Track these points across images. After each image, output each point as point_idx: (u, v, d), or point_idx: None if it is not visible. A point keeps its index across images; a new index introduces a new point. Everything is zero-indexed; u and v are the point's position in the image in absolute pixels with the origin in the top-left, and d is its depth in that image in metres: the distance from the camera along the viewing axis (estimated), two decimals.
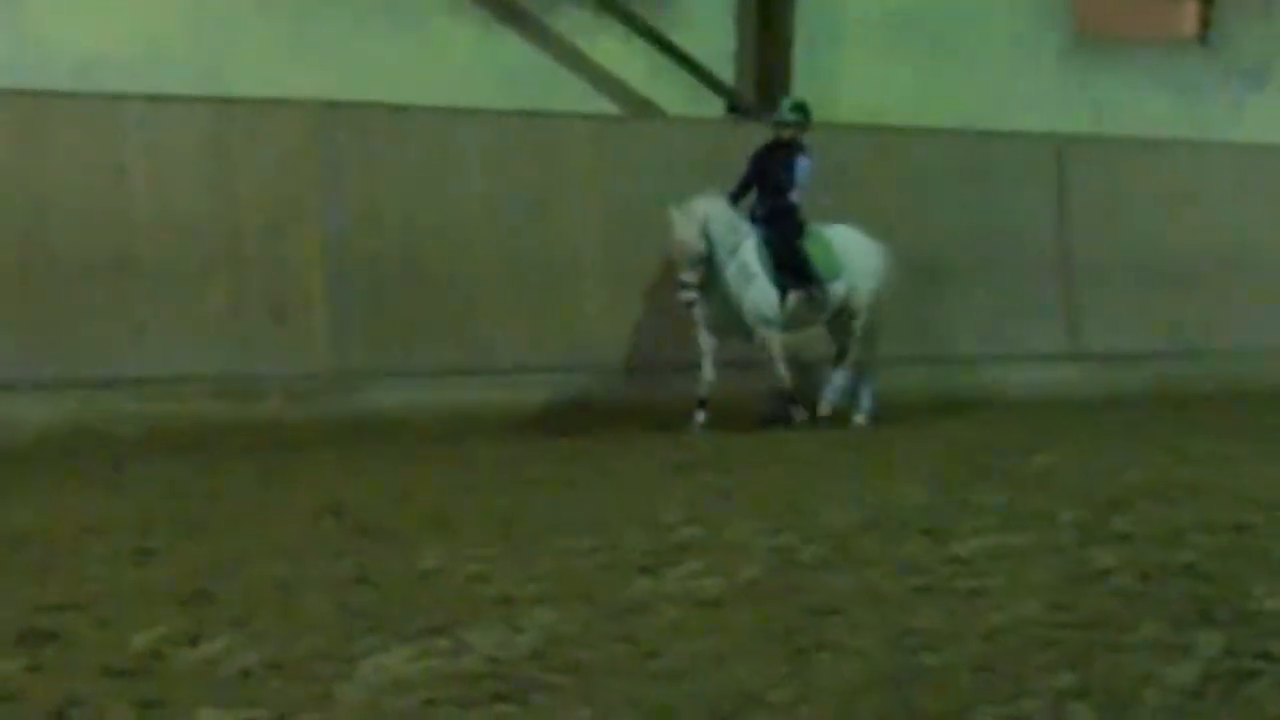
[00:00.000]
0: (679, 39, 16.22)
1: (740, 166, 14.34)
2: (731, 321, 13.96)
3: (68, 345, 12.90)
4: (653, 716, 5.39)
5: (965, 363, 16.58)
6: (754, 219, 14.19)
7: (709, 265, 13.66)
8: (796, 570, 7.74)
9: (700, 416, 13.73)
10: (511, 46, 15.75)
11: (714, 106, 16.63)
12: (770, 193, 14.25)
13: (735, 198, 14.19)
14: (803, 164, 14.21)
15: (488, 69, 15.47)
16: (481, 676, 5.82)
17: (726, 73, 16.66)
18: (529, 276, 14.80)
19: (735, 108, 16.64)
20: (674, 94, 16.40)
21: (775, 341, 14.07)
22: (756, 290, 13.92)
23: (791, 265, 14.10)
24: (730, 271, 13.81)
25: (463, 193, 14.65)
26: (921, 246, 16.37)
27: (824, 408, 14.37)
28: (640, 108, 16.36)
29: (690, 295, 13.57)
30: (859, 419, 14.45)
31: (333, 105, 14.10)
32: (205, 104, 13.55)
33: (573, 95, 15.85)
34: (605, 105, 16.18)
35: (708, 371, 13.86)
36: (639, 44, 16.22)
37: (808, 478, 10.84)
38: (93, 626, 6.44)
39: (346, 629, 6.46)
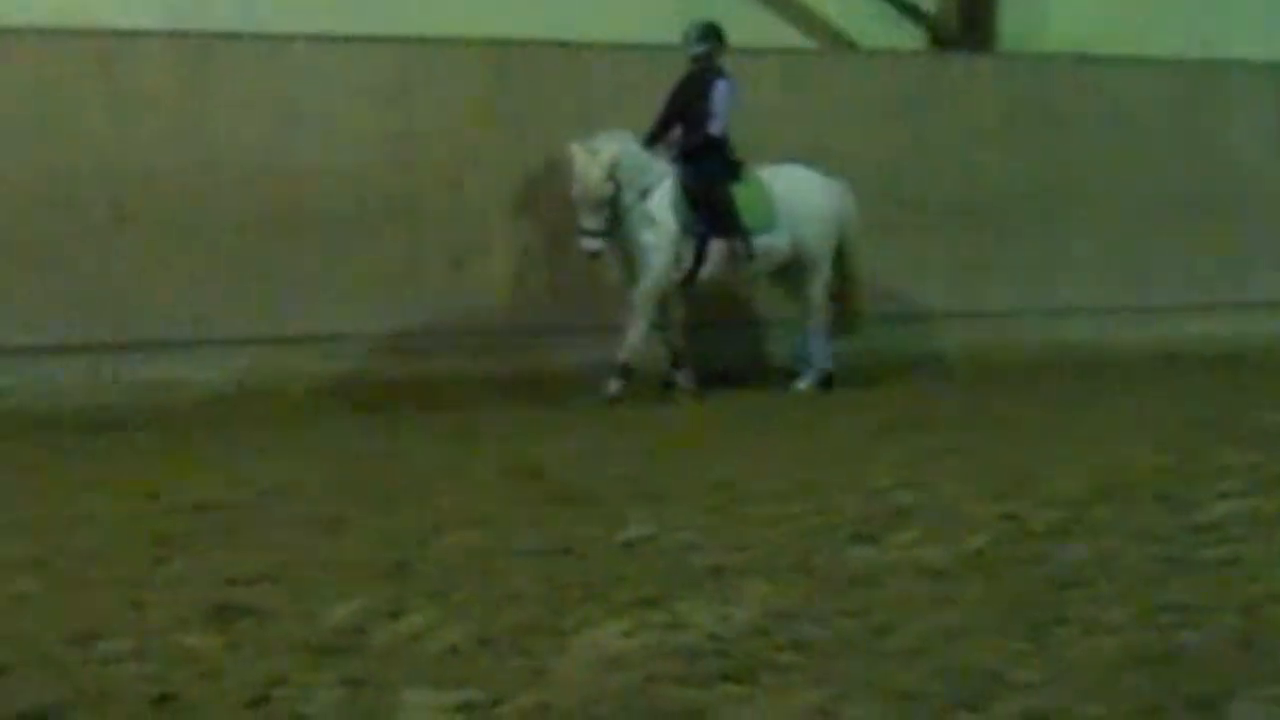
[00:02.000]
0: None
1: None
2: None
3: (238, 301, 12.98)
4: (893, 700, 5.31)
5: (1180, 312, 16.24)
6: (674, 158, 13.20)
7: (615, 210, 12.72)
8: (1027, 540, 7.61)
9: (614, 386, 12.81)
10: None
11: (914, 37, 16.39)
12: (689, 128, 13.23)
13: (652, 139, 13.19)
14: (720, 89, 13.11)
15: (664, 2, 15.31)
16: (703, 653, 5.78)
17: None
18: None
19: (938, 38, 16.37)
20: (869, 24, 16.18)
21: (649, 295, 12.90)
22: (651, 233, 12.86)
23: (710, 209, 13.05)
24: (634, 216, 12.86)
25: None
26: (1133, 187, 16.06)
27: (801, 383, 13.49)
28: (832, 40, 16.16)
29: (594, 245, 12.60)
30: (800, 385, 13.49)
31: (510, 44, 14.07)
32: (379, 44, 13.56)
33: (758, 28, 15.66)
34: (794, 38, 15.99)
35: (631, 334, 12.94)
36: None
37: (1026, 440, 10.64)
38: (288, 600, 6.48)
39: (554, 602, 6.45)
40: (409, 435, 11.24)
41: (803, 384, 13.54)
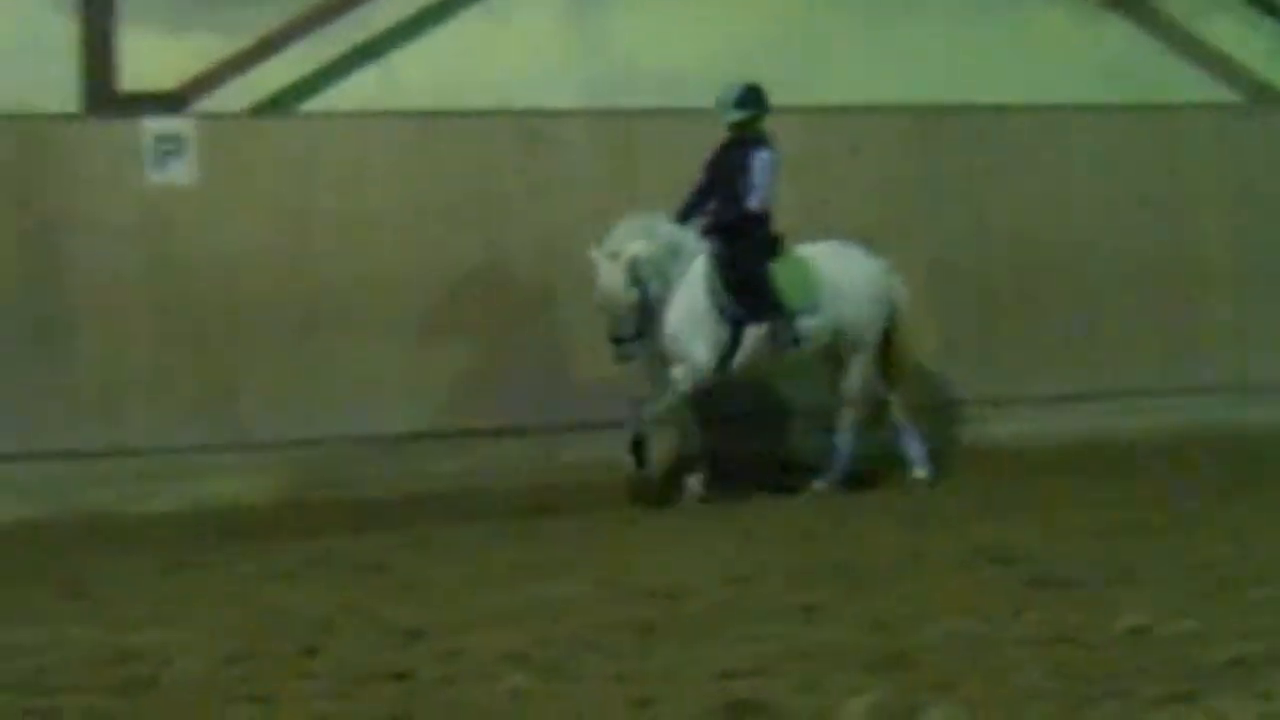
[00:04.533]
0: None
1: None
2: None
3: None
4: None
5: None
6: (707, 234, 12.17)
7: (644, 305, 11.74)
8: None
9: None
10: (1115, 34, 15.21)
11: None
12: (726, 202, 12.16)
13: (686, 213, 12.19)
14: (761, 160, 12.05)
15: (1090, 60, 14.99)
16: None
17: None
18: (1152, 287, 14.30)
19: None
20: None
21: (686, 378, 11.88)
22: (686, 321, 11.89)
23: (747, 291, 12.03)
24: (669, 305, 11.88)
25: (1073, 197, 14.25)
26: None
27: (819, 483, 12.34)
28: (1262, 93, 15.60)
29: (628, 352, 11.69)
30: (919, 473, 12.49)
31: (930, 109, 13.90)
32: (798, 114, 13.47)
33: (1187, 84, 15.23)
34: (1224, 93, 15.49)
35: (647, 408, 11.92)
36: (1260, 22, 15.50)
37: None
38: (795, 693, 6.28)
39: (1074, 696, 6.14)
40: (858, 516, 11.03)
41: (920, 471, 12.53)
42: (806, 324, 12.19)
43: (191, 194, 12.46)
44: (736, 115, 12.19)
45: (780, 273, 12.17)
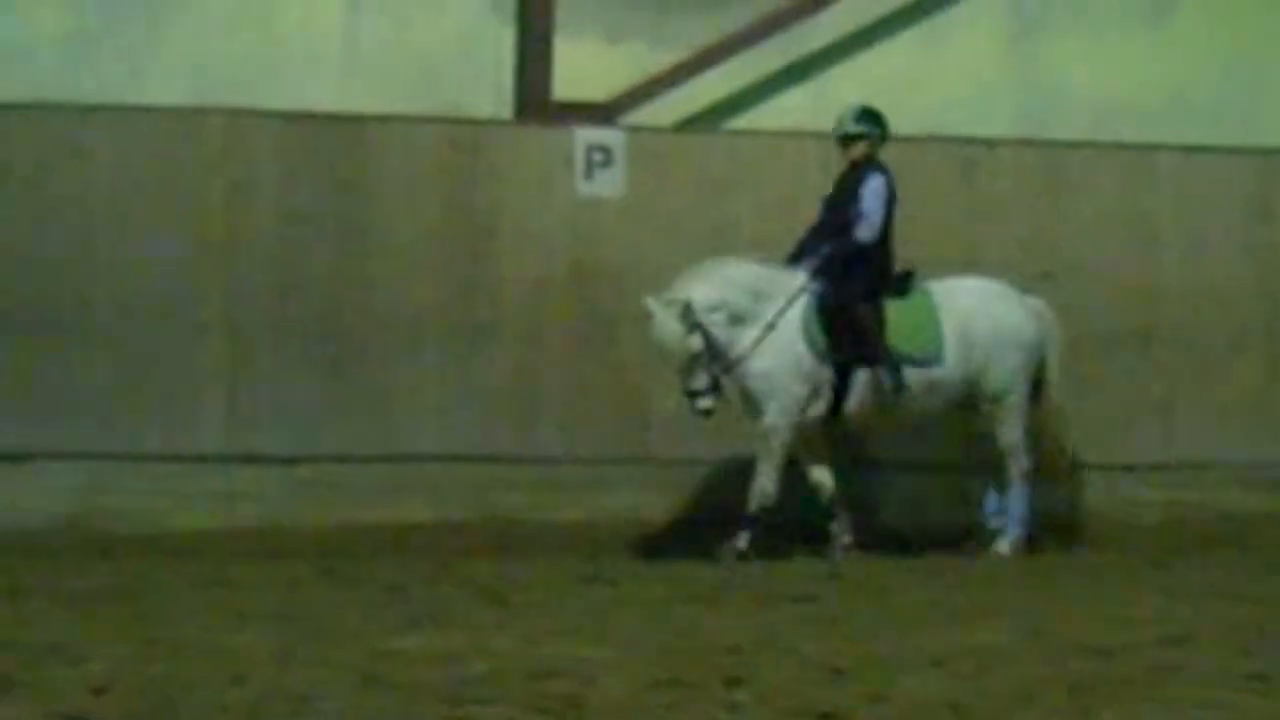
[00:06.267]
0: None
1: None
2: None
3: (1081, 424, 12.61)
4: None
5: None
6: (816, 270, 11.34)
7: (714, 358, 11.05)
8: None
9: (742, 540, 11.11)
10: None
11: None
12: (835, 234, 11.33)
13: (800, 251, 11.39)
14: (873, 187, 11.25)
15: None
16: None
17: None
18: None
19: None
20: None
21: (775, 432, 11.17)
22: (772, 359, 11.15)
23: (851, 332, 11.19)
24: (756, 350, 11.15)
25: None
26: None
27: (1002, 545, 11.45)
28: None
29: (705, 403, 11.01)
30: (1001, 547, 11.48)
31: None
32: (1243, 156, 13.00)
33: None
34: None
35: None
36: None
37: None
38: None
39: None
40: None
41: (1004, 546, 11.51)
42: (922, 373, 11.33)
43: (617, 205, 12.48)
44: (854, 129, 11.46)
45: (897, 312, 11.35)
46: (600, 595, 9.55)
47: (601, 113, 12.80)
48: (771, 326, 11.14)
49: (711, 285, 11.15)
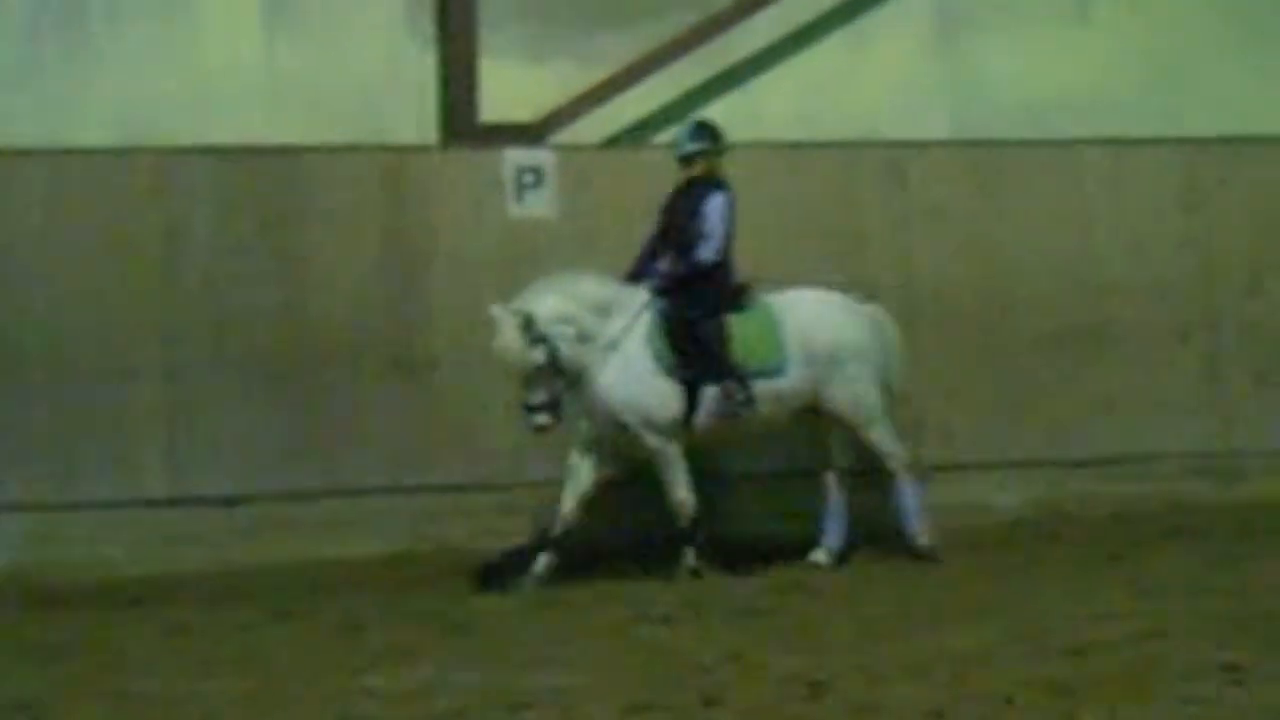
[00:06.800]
0: None
1: None
2: (616, 434, 11.06)
3: (1030, 422, 12.64)
4: None
5: None
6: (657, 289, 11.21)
7: (558, 373, 10.84)
8: None
9: (541, 562, 11.00)
10: None
11: None
12: (676, 253, 11.22)
13: (638, 269, 11.34)
14: (714, 205, 11.13)
15: None
16: None
17: None
18: None
19: None
20: None
21: (670, 453, 11.00)
22: (637, 385, 10.98)
23: (696, 350, 11.07)
24: (604, 369, 10.98)
25: None
26: None
27: (818, 554, 11.33)
28: None
29: (541, 420, 10.77)
30: (818, 555, 11.33)
31: None
32: (1170, 146, 13.05)
33: None
34: None
35: (566, 502, 11.07)
36: None
37: None
38: None
39: None
40: (1257, 566, 10.53)
41: (820, 554, 11.37)
42: (769, 385, 11.19)
43: (550, 226, 12.37)
44: (691, 147, 11.33)
45: (739, 327, 11.23)
46: (562, 621, 9.45)
47: (530, 133, 12.69)
48: (614, 345, 11.02)
49: (560, 298, 11.00)
